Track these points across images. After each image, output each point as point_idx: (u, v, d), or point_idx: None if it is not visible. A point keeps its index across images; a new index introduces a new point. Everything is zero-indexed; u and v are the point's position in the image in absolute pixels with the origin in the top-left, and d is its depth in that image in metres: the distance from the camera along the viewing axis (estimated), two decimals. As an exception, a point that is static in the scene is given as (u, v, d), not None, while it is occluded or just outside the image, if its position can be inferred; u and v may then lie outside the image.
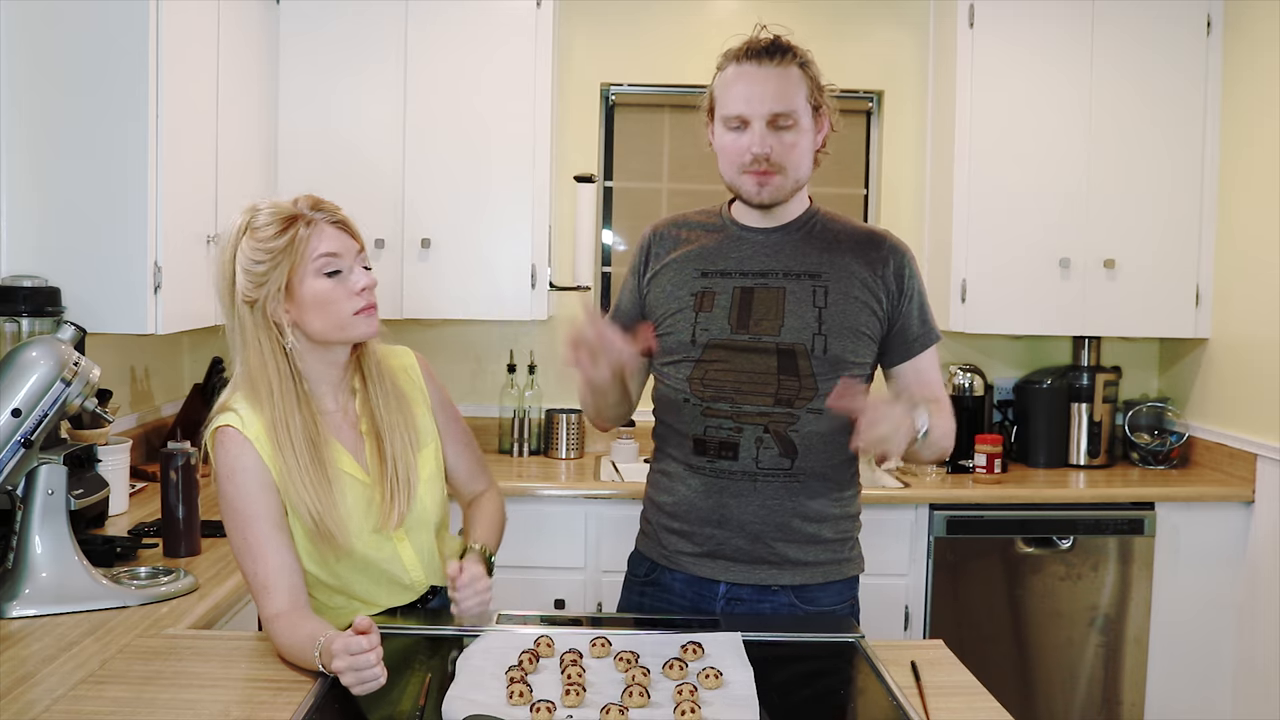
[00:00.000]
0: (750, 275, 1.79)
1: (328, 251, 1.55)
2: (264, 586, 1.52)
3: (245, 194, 2.87)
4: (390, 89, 3.18)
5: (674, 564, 1.83)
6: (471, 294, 3.26)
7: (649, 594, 1.87)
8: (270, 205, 1.57)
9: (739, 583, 1.78)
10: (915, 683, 1.49)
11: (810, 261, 1.79)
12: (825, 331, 1.75)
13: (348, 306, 1.57)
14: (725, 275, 1.80)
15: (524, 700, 1.34)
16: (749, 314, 1.77)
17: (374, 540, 1.62)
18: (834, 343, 1.75)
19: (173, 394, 3.31)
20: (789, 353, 1.74)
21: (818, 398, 1.75)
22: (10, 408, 1.72)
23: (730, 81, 1.74)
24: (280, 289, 1.54)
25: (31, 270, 2.24)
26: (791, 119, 1.72)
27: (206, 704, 1.38)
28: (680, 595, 1.82)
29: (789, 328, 1.75)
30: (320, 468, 1.56)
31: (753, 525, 1.76)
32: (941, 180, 3.46)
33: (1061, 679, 3.17)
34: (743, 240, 1.83)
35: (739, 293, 1.78)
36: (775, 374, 1.74)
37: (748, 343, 1.76)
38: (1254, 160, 3.18)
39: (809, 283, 1.77)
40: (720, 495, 1.77)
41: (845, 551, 1.83)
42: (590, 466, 3.35)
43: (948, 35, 3.41)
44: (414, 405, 1.72)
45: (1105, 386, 3.49)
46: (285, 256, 1.53)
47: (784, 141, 1.72)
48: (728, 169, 1.78)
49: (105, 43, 2.25)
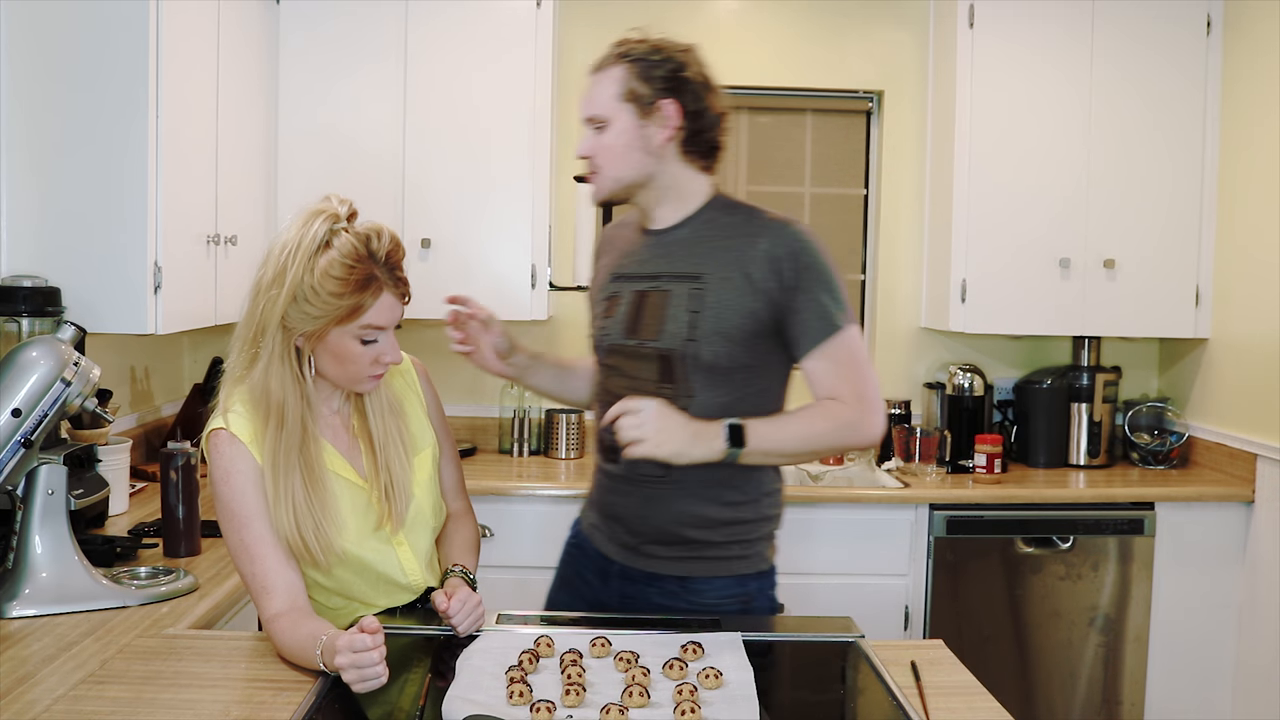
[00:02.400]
0: (644, 279, 1.79)
1: (376, 324, 1.54)
2: (263, 587, 1.52)
3: (245, 194, 2.88)
4: (390, 89, 3.18)
5: (591, 538, 1.92)
6: (471, 294, 3.20)
7: (573, 554, 1.97)
8: (352, 236, 1.51)
9: (630, 565, 1.83)
10: (915, 683, 1.49)
11: (693, 262, 1.75)
12: (697, 336, 1.71)
13: (365, 371, 1.58)
14: (628, 279, 1.82)
15: (524, 700, 1.34)
16: (639, 319, 1.77)
17: (371, 543, 1.62)
18: (704, 348, 1.71)
19: (173, 394, 3.31)
20: (666, 358, 1.74)
21: (694, 405, 1.71)
22: (10, 408, 1.72)
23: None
24: (318, 332, 1.53)
25: (31, 270, 2.24)
26: (601, 122, 1.76)
27: (206, 704, 1.38)
28: (594, 560, 1.89)
29: (666, 333, 1.74)
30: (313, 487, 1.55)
31: (634, 524, 1.81)
32: (941, 180, 3.46)
33: (1061, 679, 3.17)
34: (643, 243, 1.83)
35: (635, 296, 1.79)
36: (656, 380, 1.75)
37: (634, 348, 1.77)
38: (1254, 160, 3.18)
39: (687, 285, 1.74)
40: (609, 494, 1.85)
41: (735, 551, 1.79)
42: (590, 466, 3.34)
43: (948, 35, 3.41)
44: (410, 409, 1.72)
45: (1105, 386, 3.49)
46: (340, 311, 1.51)
47: (599, 142, 1.77)
48: None
49: (105, 42, 2.25)
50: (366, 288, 1.51)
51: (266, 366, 1.55)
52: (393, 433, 1.66)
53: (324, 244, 1.50)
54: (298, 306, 1.51)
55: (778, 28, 3.60)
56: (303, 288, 1.49)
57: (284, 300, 1.50)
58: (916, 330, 3.68)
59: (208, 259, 2.61)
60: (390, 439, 1.65)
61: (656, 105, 1.73)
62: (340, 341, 1.55)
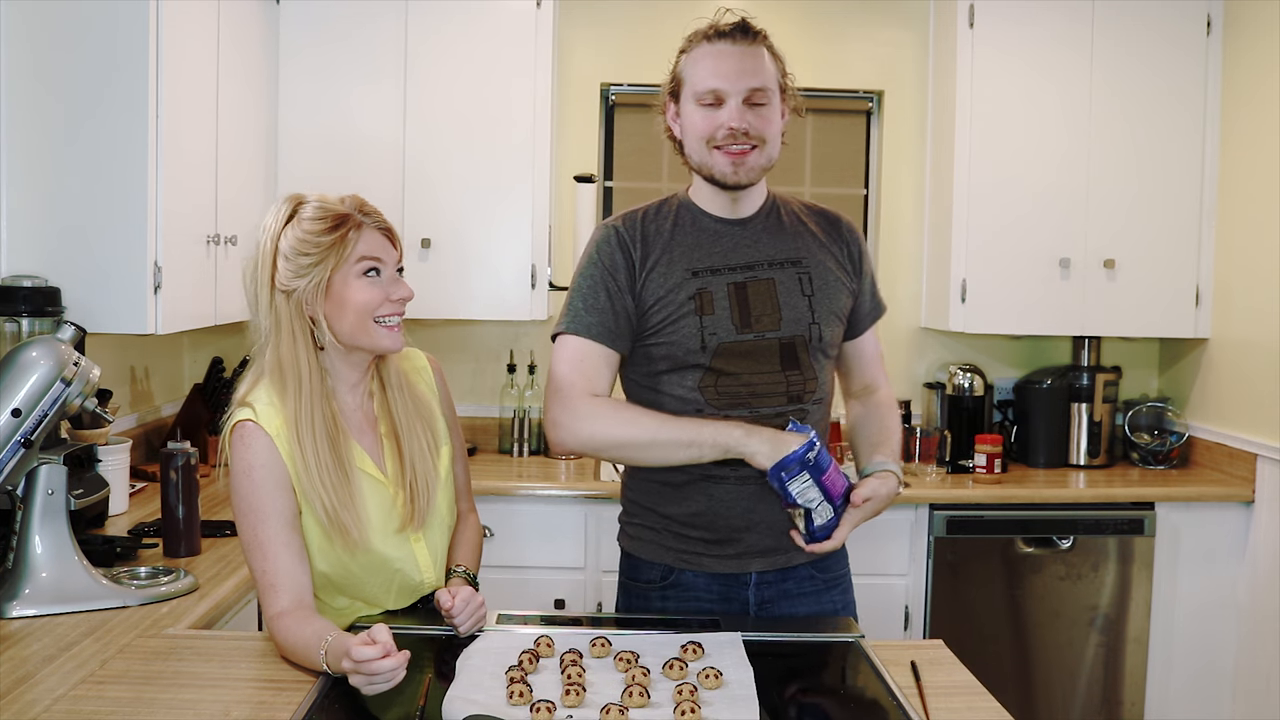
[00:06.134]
0: (739, 269, 1.75)
1: (371, 255, 1.57)
2: (271, 585, 1.52)
3: (245, 194, 2.88)
4: (390, 89, 3.18)
5: (695, 565, 1.78)
6: (471, 294, 3.26)
7: (672, 596, 1.80)
8: (318, 199, 1.58)
9: (765, 570, 1.79)
10: (915, 683, 1.49)
11: (789, 248, 1.78)
12: (818, 320, 1.75)
13: (381, 311, 1.58)
14: (715, 272, 1.74)
15: (524, 700, 1.34)
16: (748, 310, 1.73)
17: (394, 540, 1.63)
18: (825, 330, 1.77)
19: (173, 394, 3.31)
20: (789, 346, 1.74)
21: (819, 388, 1.77)
22: (10, 408, 1.72)
23: (701, 59, 1.71)
24: (320, 284, 1.54)
25: (31, 270, 2.24)
26: (766, 96, 1.70)
27: (206, 704, 1.38)
28: (706, 590, 1.79)
29: (787, 320, 1.74)
30: (339, 463, 1.56)
31: (780, 523, 1.74)
32: (941, 180, 3.46)
33: (1061, 679, 3.17)
34: (721, 234, 1.78)
35: (733, 289, 1.73)
36: (781, 371, 1.73)
37: (752, 343, 1.73)
38: (1254, 160, 3.18)
39: (793, 270, 1.77)
40: (748, 501, 1.74)
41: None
42: (590, 466, 3.35)
43: (948, 35, 3.41)
44: (431, 407, 1.72)
45: (1105, 386, 3.49)
46: (332, 253, 1.54)
47: (761, 116, 1.71)
48: (698, 148, 1.73)
49: (105, 42, 2.25)
50: (345, 224, 1.55)
51: (278, 341, 1.56)
52: (418, 430, 1.67)
53: (292, 214, 1.57)
54: (290, 265, 1.54)
55: (778, 28, 3.55)
56: (286, 247, 1.54)
57: (278, 269, 1.54)
58: (916, 330, 3.69)
59: (208, 259, 2.61)
60: (416, 436, 1.66)
61: (787, 97, 1.76)
62: (344, 286, 1.55)
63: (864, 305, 1.88)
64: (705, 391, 1.72)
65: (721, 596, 1.79)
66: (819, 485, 1.64)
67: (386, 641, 1.33)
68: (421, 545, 1.66)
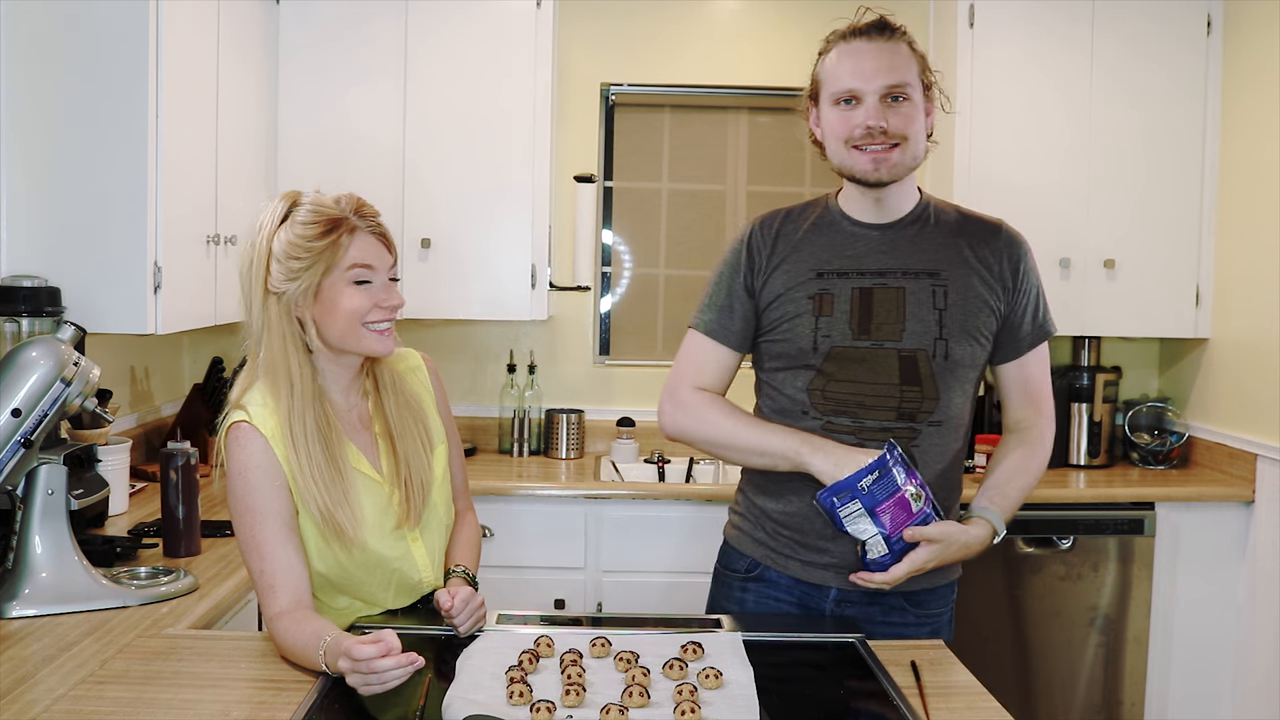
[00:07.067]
0: (868, 275, 1.69)
1: (363, 262, 1.55)
2: (269, 585, 1.52)
3: (245, 194, 2.87)
4: (390, 89, 3.18)
5: (780, 565, 1.77)
6: (471, 294, 3.26)
7: (753, 590, 1.80)
8: (313, 200, 1.56)
9: (845, 588, 1.72)
10: (915, 683, 1.48)
11: (928, 258, 1.70)
12: (946, 335, 1.67)
13: (369, 317, 1.57)
14: (842, 275, 1.70)
15: (524, 700, 1.34)
16: (869, 317, 1.67)
17: (390, 540, 1.62)
18: (955, 347, 1.67)
19: (173, 394, 3.31)
20: (910, 359, 1.66)
21: (939, 409, 1.68)
22: (10, 408, 1.72)
23: (838, 60, 1.70)
24: (310, 288, 1.54)
25: (31, 270, 2.24)
26: (905, 92, 1.66)
27: (206, 704, 1.38)
28: (788, 593, 1.77)
29: (910, 332, 1.67)
30: (332, 462, 1.56)
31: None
32: (941, 180, 3.46)
33: (1061, 679, 3.17)
34: (857, 237, 1.73)
35: (857, 294, 1.68)
36: (898, 384, 1.66)
37: (867, 350, 1.67)
38: (1254, 160, 3.17)
39: (928, 282, 1.69)
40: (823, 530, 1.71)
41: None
42: (590, 466, 3.35)
43: (948, 35, 3.41)
44: (426, 406, 1.72)
45: (1105, 386, 3.49)
46: (323, 258, 1.53)
47: (900, 113, 1.66)
48: (837, 149, 1.69)
49: (105, 42, 2.25)
50: (339, 228, 1.53)
51: (269, 342, 1.56)
52: (412, 429, 1.67)
53: (286, 214, 1.55)
54: (281, 267, 1.53)
55: (777, 27, 3.60)
56: (279, 248, 1.53)
57: (271, 270, 1.53)
58: (916, 330, 3.68)
59: (207, 259, 2.61)
60: (410, 435, 1.66)
61: (932, 94, 1.72)
62: (334, 292, 1.54)
63: (1021, 326, 1.74)
64: (813, 394, 1.69)
65: (801, 602, 1.77)
66: (871, 516, 1.55)
67: (390, 642, 1.33)
68: (419, 544, 1.66)
